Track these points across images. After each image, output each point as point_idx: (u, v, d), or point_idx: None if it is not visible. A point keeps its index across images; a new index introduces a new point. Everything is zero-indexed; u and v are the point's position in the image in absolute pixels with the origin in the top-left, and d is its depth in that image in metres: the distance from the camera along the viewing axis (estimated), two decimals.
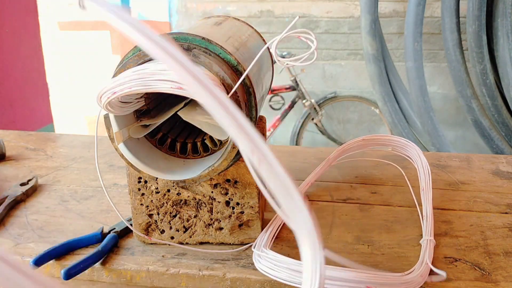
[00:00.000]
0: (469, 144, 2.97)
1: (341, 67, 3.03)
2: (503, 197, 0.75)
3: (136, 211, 0.61)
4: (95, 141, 0.57)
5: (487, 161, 0.90)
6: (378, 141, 0.82)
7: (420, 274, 0.53)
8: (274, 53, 0.48)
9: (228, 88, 0.49)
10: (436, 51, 2.88)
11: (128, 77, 0.45)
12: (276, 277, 0.51)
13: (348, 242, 0.63)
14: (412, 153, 0.81)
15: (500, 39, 2.18)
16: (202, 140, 0.58)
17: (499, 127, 2.31)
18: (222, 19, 0.72)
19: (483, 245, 0.62)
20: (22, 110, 2.01)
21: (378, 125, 3.07)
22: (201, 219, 0.61)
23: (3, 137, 1.01)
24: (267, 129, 2.66)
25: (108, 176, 0.84)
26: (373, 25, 2.42)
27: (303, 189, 0.74)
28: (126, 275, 0.58)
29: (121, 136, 0.53)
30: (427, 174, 0.73)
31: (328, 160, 0.79)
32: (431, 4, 2.77)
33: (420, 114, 2.38)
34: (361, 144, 0.81)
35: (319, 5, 2.93)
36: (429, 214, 0.65)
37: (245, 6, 3.01)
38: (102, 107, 0.48)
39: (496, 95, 2.28)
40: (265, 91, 0.69)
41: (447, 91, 2.91)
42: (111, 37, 3.44)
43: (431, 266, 0.55)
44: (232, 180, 0.59)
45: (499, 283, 0.55)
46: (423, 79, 2.39)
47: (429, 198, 0.68)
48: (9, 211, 0.71)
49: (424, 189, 0.71)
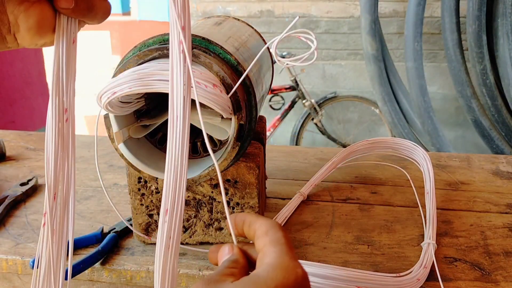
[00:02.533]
0: (469, 144, 2.96)
1: (341, 67, 3.03)
2: (503, 197, 0.75)
3: (136, 211, 0.61)
4: (95, 141, 0.57)
5: (487, 161, 0.90)
6: (385, 144, 0.82)
7: (417, 277, 0.53)
8: (274, 53, 0.48)
9: (228, 88, 0.49)
10: (436, 51, 2.88)
11: (128, 77, 0.45)
12: None
13: (348, 242, 0.63)
14: (418, 156, 0.80)
15: (500, 39, 2.18)
16: (202, 140, 0.58)
17: (499, 127, 2.31)
18: (222, 19, 0.72)
19: (483, 245, 0.62)
20: (22, 110, 2.01)
21: (378, 125, 3.07)
22: (201, 219, 0.61)
23: (3, 137, 1.01)
24: (267, 129, 2.66)
25: (108, 176, 0.84)
26: (373, 25, 2.42)
27: (307, 190, 0.74)
28: (126, 275, 0.58)
29: (121, 136, 0.53)
30: (432, 177, 0.73)
31: (333, 163, 0.78)
32: (431, 4, 2.77)
33: (420, 114, 2.38)
34: (368, 147, 0.81)
35: (319, 5, 2.93)
36: (432, 218, 0.65)
37: (245, 6, 3.01)
38: (102, 107, 0.48)
39: (496, 95, 2.28)
40: (265, 91, 0.69)
41: (447, 91, 2.91)
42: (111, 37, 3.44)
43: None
44: (232, 180, 0.59)
45: (499, 283, 0.55)
46: (423, 79, 2.39)
47: (433, 202, 0.68)
48: (9, 211, 0.71)
49: (429, 192, 0.71)
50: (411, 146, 0.81)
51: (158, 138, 0.60)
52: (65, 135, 0.40)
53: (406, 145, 0.81)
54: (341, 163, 0.79)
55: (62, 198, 0.41)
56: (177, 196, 0.37)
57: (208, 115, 0.53)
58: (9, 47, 0.39)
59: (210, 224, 0.62)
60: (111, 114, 0.52)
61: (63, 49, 0.39)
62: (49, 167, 0.40)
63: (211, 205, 0.61)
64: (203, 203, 0.61)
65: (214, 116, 0.54)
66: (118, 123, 0.53)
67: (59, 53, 0.39)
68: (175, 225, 0.37)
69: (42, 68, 2.25)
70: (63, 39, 0.38)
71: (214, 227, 0.62)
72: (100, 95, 0.47)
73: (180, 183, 0.37)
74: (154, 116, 0.58)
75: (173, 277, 0.38)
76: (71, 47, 0.39)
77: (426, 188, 0.73)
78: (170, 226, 0.37)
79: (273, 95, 2.87)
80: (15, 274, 0.61)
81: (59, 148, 0.40)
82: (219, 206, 0.61)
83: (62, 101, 0.39)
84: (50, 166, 0.40)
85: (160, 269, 0.37)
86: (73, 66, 0.40)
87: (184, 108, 0.38)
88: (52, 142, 0.39)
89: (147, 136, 0.59)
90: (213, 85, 0.46)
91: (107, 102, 0.47)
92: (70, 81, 0.40)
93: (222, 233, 0.62)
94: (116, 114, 0.51)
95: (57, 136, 0.39)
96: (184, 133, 0.38)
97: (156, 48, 0.49)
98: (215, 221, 0.61)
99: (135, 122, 0.57)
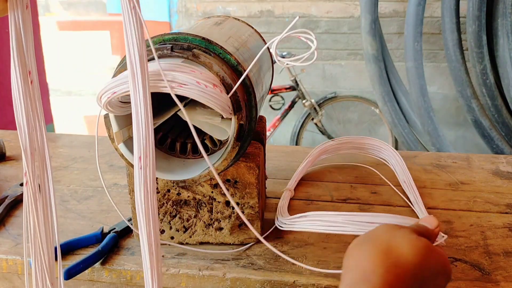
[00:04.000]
0: (469, 144, 2.96)
1: (341, 67, 3.03)
2: (503, 197, 0.75)
3: (136, 211, 0.61)
4: (95, 141, 0.57)
5: (487, 161, 0.90)
6: (352, 144, 0.85)
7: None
8: (274, 53, 0.48)
9: (228, 88, 0.49)
10: (436, 51, 2.87)
11: (128, 77, 0.45)
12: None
13: (348, 242, 0.63)
14: (386, 154, 0.85)
15: (500, 39, 2.18)
16: (202, 140, 0.58)
17: (499, 127, 2.31)
18: (222, 19, 0.72)
19: (483, 245, 0.62)
20: None
21: (378, 125, 3.07)
22: (201, 219, 0.61)
23: (3, 137, 1.01)
24: (267, 129, 2.66)
25: (108, 176, 0.84)
26: (373, 25, 2.42)
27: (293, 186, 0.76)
28: (126, 275, 0.58)
29: (121, 136, 0.53)
30: (405, 169, 0.79)
31: (308, 162, 0.82)
32: (431, 4, 2.77)
33: (420, 114, 2.38)
34: (336, 147, 0.85)
35: (319, 5, 2.93)
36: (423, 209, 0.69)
37: (245, 6, 3.01)
38: (102, 107, 0.48)
39: (496, 95, 2.28)
40: (265, 91, 0.69)
41: (447, 91, 2.91)
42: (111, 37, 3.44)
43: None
44: (232, 180, 0.59)
45: (499, 283, 0.55)
46: (423, 79, 2.39)
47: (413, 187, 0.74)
48: (9, 211, 0.71)
49: (406, 182, 0.76)
50: (378, 145, 0.85)
51: (158, 138, 0.60)
52: (31, 97, 0.42)
53: (373, 145, 0.86)
54: (315, 161, 0.84)
55: (39, 157, 0.43)
56: (147, 141, 0.40)
57: (208, 115, 0.53)
58: None
59: (210, 224, 0.62)
60: (111, 114, 0.52)
61: (18, 14, 0.40)
62: (21, 129, 0.42)
63: (211, 205, 0.61)
64: (203, 203, 0.61)
65: (214, 116, 0.54)
66: (118, 123, 0.53)
67: (15, 18, 0.40)
68: (150, 172, 0.40)
69: (42, 69, 2.24)
70: (16, 4, 0.40)
71: (214, 227, 0.62)
72: (100, 95, 0.47)
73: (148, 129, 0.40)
74: (154, 116, 0.58)
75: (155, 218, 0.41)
76: (25, 12, 0.40)
77: (400, 178, 0.77)
78: (145, 174, 0.40)
79: (273, 95, 2.87)
80: (15, 274, 0.61)
81: (29, 109, 0.41)
82: (219, 206, 0.61)
83: (25, 64, 0.41)
84: (23, 128, 0.42)
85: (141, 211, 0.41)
86: (30, 31, 0.41)
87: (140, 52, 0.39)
88: (20, 105, 0.41)
89: None
90: (213, 85, 0.46)
91: (107, 102, 0.47)
92: (29, 44, 0.41)
93: (222, 233, 0.62)
94: (116, 114, 0.51)
95: (24, 98, 0.41)
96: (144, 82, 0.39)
97: (156, 48, 0.49)
98: (215, 221, 0.61)
99: None
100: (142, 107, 0.39)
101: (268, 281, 0.56)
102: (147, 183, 0.40)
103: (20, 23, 0.40)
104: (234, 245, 0.62)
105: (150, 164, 0.40)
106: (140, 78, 0.39)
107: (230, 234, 0.62)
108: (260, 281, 0.56)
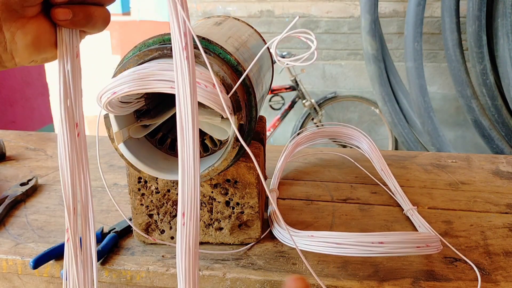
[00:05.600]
0: (469, 144, 2.96)
1: (341, 67, 3.03)
2: (503, 197, 0.75)
3: (136, 211, 0.61)
4: (96, 141, 0.57)
5: (487, 161, 0.90)
6: (326, 133, 0.87)
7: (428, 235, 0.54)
8: (274, 53, 0.48)
9: (228, 88, 0.49)
10: (436, 51, 2.87)
11: (128, 77, 0.45)
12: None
13: None
14: (358, 140, 0.86)
15: (500, 39, 2.18)
16: (202, 140, 0.58)
17: (499, 127, 2.31)
18: (222, 19, 0.72)
19: (483, 245, 0.62)
20: (22, 110, 2.01)
21: (378, 125, 3.07)
22: (201, 219, 0.61)
23: (3, 137, 1.01)
24: (267, 129, 2.66)
25: (108, 176, 0.84)
26: (373, 25, 2.42)
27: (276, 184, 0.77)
28: (126, 275, 0.58)
29: (121, 136, 0.53)
30: (378, 154, 0.80)
31: (285, 157, 0.83)
32: (431, 4, 2.77)
33: (420, 114, 2.38)
34: (310, 137, 0.87)
35: (319, 5, 2.93)
36: (398, 189, 0.72)
37: (245, 6, 3.01)
38: (102, 107, 0.48)
39: (496, 95, 2.28)
40: (265, 91, 0.70)
41: (447, 91, 2.91)
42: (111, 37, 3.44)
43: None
44: (232, 180, 0.59)
45: (499, 283, 0.55)
46: (423, 79, 2.39)
47: (390, 175, 0.76)
48: (9, 211, 0.71)
49: (382, 168, 0.77)
50: (350, 133, 0.87)
51: (158, 138, 0.60)
52: (78, 149, 0.40)
53: (343, 133, 0.87)
54: (291, 155, 0.86)
55: (82, 212, 0.41)
56: (193, 197, 0.37)
57: (208, 115, 0.53)
58: (6, 66, 0.38)
59: (210, 224, 0.62)
60: (111, 114, 0.52)
61: (67, 63, 0.38)
62: (65, 184, 0.40)
63: (211, 205, 0.61)
64: (203, 203, 0.61)
65: (214, 116, 0.54)
66: (118, 123, 0.53)
67: (64, 67, 0.38)
68: (194, 227, 0.38)
69: (42, 69, 2.25)
70: (66, 52, 0.38)
71: (214, 227, 0.62)
72: (100, 95, 0.47)
73: (195, 184, 0.37)
74: (154, 116, 0.58)
75: (195, 278, 0.39)
76: (75, 60, 0.39)
77: (376, 166, 0.79)
78: (188, 230, 0.37)
79: (273, 95, 2.87)
80: (15, 274, 0.61)
81: (74, 163, 0.40)
82: (219, 206, 0.61)
83: (73, 116, 0.39)
84: (67, 182, 0.40)
85: (183, 269, 0.38)
86: (79, 80, 0.40)
87: (192, 111, 0.37)
88: (65, 158, 0.39)
89: (147, 136, 0.59)
90: (213, 85, 0.46)
91: (107, 102, 0.47)
92: (78, 95, 0.40)
93: (222, 233, 0.62)
94: (116, 114, 0.51)
95: (70, 152, 0.39)
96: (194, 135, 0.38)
97: (156, 48, 0.49)
98: (215, 221, 0.61)
99: (135, 122, 0.57)
100: (190, 155, 0.37)
101: (268, 281, 0.56)
102: (189, 241, 0.37)
103: (69, 72, 0.38)
104: (234, 245, 0.62)
105: (194, 219, 0.37)
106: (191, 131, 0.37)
107: (230, 234, 0.62)
108: (260, 281, 0.56)
